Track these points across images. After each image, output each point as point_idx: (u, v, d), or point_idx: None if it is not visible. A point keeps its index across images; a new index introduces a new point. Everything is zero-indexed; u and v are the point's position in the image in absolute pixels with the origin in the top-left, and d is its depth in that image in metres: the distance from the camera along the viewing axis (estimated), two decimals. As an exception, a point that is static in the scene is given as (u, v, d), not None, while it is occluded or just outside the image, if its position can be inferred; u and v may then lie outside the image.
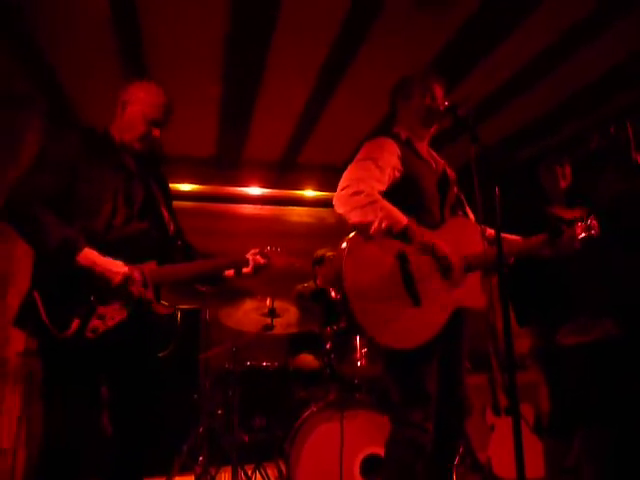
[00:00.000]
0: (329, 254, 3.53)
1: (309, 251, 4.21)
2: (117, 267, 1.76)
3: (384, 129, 2.33)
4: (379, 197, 1.91)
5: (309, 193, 5.15)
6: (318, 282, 3.67)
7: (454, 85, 3.47)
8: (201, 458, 3.09)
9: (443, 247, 1.92)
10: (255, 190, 5.09)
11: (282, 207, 5.34)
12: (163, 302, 1.92)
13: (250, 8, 2.84)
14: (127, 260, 1.80)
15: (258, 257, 2.11)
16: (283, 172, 4.96)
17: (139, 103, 1.98)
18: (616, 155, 2.31)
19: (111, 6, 2.80)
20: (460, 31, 2.97)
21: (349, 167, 2.02)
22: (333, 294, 2.96)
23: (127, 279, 1.76)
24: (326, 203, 4.80)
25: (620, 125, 2.27)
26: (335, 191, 2.02)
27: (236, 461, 2.98)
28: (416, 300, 1.88)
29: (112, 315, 1.74)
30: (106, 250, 1.76)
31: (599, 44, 3.10)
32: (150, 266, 1.85)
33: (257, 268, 2.11)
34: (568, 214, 2.75)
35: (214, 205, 5.13)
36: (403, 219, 1.88)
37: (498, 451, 3.48)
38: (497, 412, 3.62)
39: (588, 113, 3.91)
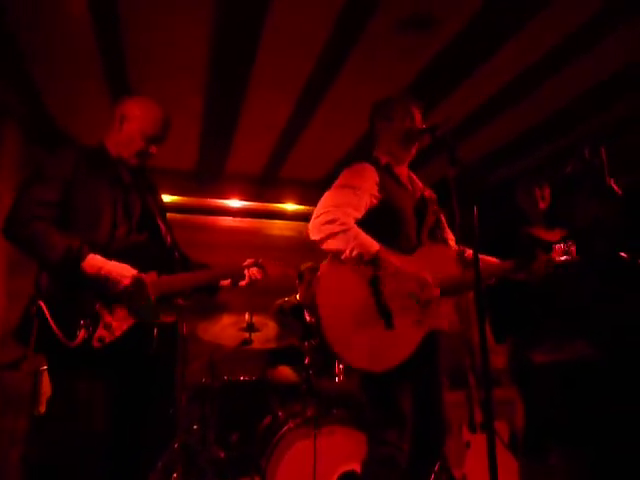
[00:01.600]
0: (306, 266, 3.54)
1: (289, 265, 4.22)
2: (125, 270, 1.80)
3: (364, 146, 2.38)
4: (352, 225, 1.96)
5: (290, 207, 5.17)
6: (299, 297, 3.68)
7: (434, 105, 3.53)
8: (175, 475, 3.04)
9: (412, 274, 1.94)
10: (235, 203, 5.08)
11: (262, 220, 5.33)
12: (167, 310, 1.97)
13: (234, 23, 2.85)
14: None
15: (254, 270, 2.15)
16: (264, 185, 4.97)
17: (137, 119, 2.01)
18: (591, 179, 2.38)
19: (93, 17, 2.79)
20: (441, 52, 3.03)
21: (326, 193, 2.07)
22: (307, 317, 2.98)
23: (138, 281, 1.80)
24: (306, 217, 4.78)
25: (595, 150, 2.34)
26: (316, 205, 2.07)
27: (211, 477, 2.94)
28: (389, 324, 1.92)
29: (119, 324, 1.76)
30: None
31: (578, 65, 3.18)
32: (151, 277, 1.88)
33: (253, 282, 2.15)
34: (548, 235, 2.82)
35: (194, 217, 5.10)
36: (373, 248, 1.92)
37: (474, 468, 3.49)
38: (473, 429, 3.64)
39: (565, 134, 4.00)
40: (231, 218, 5.21)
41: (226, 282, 2.19)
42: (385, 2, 2.63)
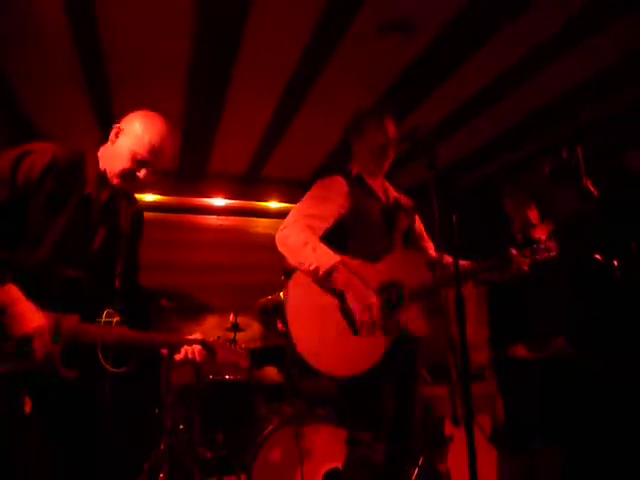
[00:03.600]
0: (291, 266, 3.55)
1: (273, 263, 4.22)
2: (36, 316, 1.54)
3: (345, 147, 2.41)
4: (313, 239, 2.02)
5: (274, 205, 5.17)
6: (283, 295, 3.69)
7: (416, 105, 3.56)
8: (161, 475, 3.05)
9: (358, 290, 1.97)
10: (219, 201, 5.08)
11: (247, 218, 5.33)
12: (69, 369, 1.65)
13: (216, 22, 2.84)
14: (48, 305, 1.59)
15: (196, 348, 1.81)
16: (247, 184, 4.96)
17: (132, 136, 1.78)
18: (568, 179, 2.42)
19: (69, 17, 2.74)
20: (424, 52, 3.05)
21: (297, 204, 2.16)
22: (280, 326, 3.02)
23: (36, 333, 1.54)
24: (291, 215, 4.81)
25: (571, 150, 2.38)
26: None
27: (198, 477, 2.96)
28: (355, 330, 1.97)
29: None
30: (29, 288, 1.55)
31: (557, 66, 3.22)
32: (71, 320, 1.63)
33: (189, 361, 1.82)
34: (537, 233, 2.86)
35: (178, 216, 5.09)
36: (330, 261, 1.96)
37: (457, 461, 3.55)
38: (456, 423, 3.69)
39: (546, 133, 4.05)
40: (215, 217, 5.20)
41: (164, 351, 1.87)
42: (368, 3, 2.63)
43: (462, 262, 2.34)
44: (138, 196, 4.89)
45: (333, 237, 2.08)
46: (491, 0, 2.60)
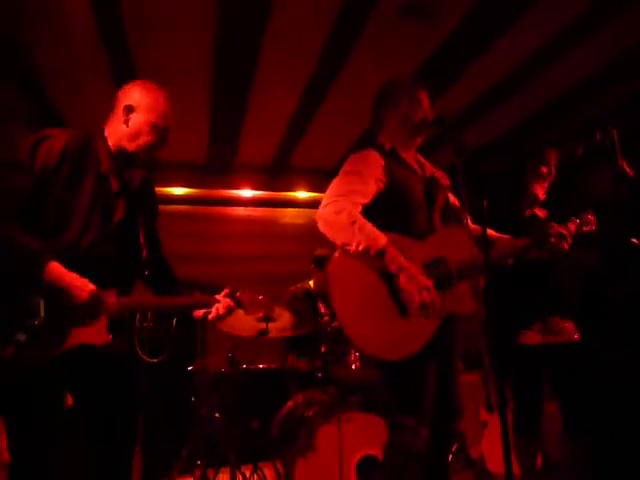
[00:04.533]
0: (321, 252, 3.57)
1: (302, 252, 4.25)
2: (85, 284, 1.62)
3: (370, 131, 2.35)
4: (359, 217, 1.92)
5: (301, 194, 5.19)
6: (313, 284, 3.72)
7: (440, 92, 3.52)
8: (199, 462, 3.13)
9: (413, 272, 1.91)
10: (247, 192, 5.12)
11: (275, 209, 5.37)
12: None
13: (239, 15, 2.85)
14: None
15: (224, 305, 1.90)
16: (275, 174, 4.99)
17: (146, 110, 1.83)
18: (602, 161, 2.36)
19: (96, 15, 2.80)
20: (445, 41, 3.01)
21: (333, 181, 2.04)
22: (322, 309, 3.00)
23: (96, 298, 1.64)
24: (319, 204, 4.83)
25: (606, 132, 2.32)
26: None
27: (234, 463, 3.02)
28: (403, 311, 1.91)
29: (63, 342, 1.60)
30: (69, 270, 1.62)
31: (584, 48, 3.14)
32: (109, 296, 1.70)
33: (221, 317, 1.91)
34: (539, 212, 2.80)
35: (207, 208, 5.15)
36: (380, 241, 1.88)
37: (491, 447, 3.54)
38: (490, 409, 3.67)
39: (574, 115, 3.96)
40: (243, 208, 5.25)
41: (198, 314, 1.95)
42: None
43: (501, 236, 2.31)
44: (167, 190, 5.01)
45: (372, 213, 1.97)
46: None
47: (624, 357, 2.66)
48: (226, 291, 1.95)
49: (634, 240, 2.24)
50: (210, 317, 1.91)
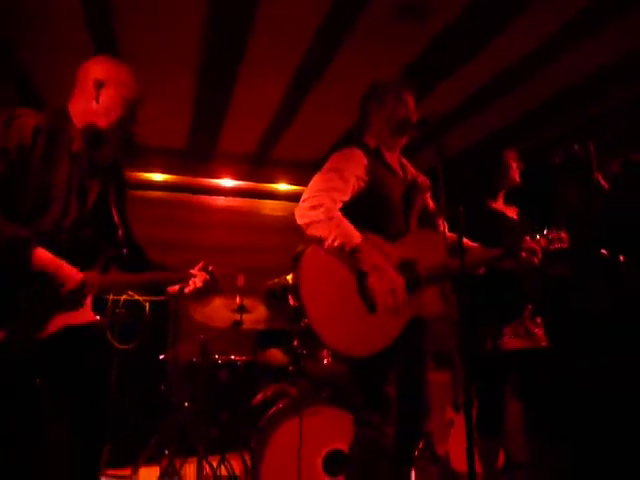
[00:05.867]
0: (301, 249, 3.57)
1: (281, 245, 4.25)
2: (73, 271, 1.63)
3: (356, 130, 2.37)
4: (337, 213, 1.95)
5: (282, 187, 5.17)
6: (291, 280, 3.71)
7: (429, 91, 3.54)
8: (167, 451, 3.13)
9: (386, 271, 1.95)
10: (228, 182, 5.08)
11: (255, 200, 5.35)
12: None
13: (229, 2, 2.82)
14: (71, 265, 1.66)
15: (200, 278, 1.93)
16: (257, 165, 4.96)
17: (119, 84, 1.80)
18: (578, 172, 2.41)
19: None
20: (436, 40, 3.02)
21: (314, 177, 2.06)
22: (291, 302, 3.01)
23: (84, 285, 1.64)
24: (299, 198, 4.82)
25: (583, 144, 2.37)
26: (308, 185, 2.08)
27: (202, 454, 3.02)
28: (371, 308, 1.94)
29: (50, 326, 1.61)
30: (52, 252, 1.62)
31: (577, 52, 3.19)
32: (92, 275, 1.71)
33: (198, 291, 1.93)
34: (508, 210, 2.85)
35: (186, 196, 5.11)
36: (355, 239, 1.92)
37: (456, 446, 3.61)
38: (456, 408, 3.76)
39: (561, 120, 4.02)
40: (223, 197, 5.22)
41: (174, 289, 1.97)
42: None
43: (473, 245, 2.35)
44: (146, 175, 4.95)
45: (350, 211, 2.00)
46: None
47: (590, 364, 2.74)
48: (200, 265, 1.96)
49: (604, 252, 2.29)
50: (187, 290, 1.92)
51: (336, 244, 1.90)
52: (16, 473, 1.62)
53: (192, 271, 1.95)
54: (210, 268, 1.97)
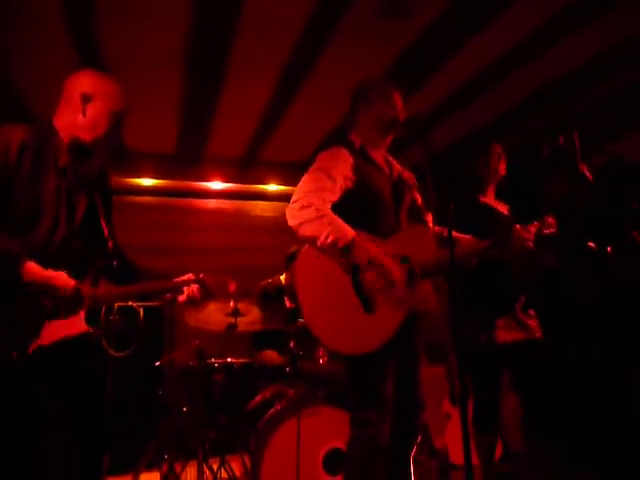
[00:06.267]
0: (293, 249, 3.58)
1: (272, 245, 4.27)
2: (65, 279, 1.65)
3: (345, 129, 2.37)
4: (328, 211, 1.96)
5: (272, 187, 5.17)
6: (284, 279, 3.73)
7: (416, 86, 3.56)
8: (166, 456, 3.14)
9: (384, 260, 1.95)
10: (217, 184, 5.08)
11: (245, 201, 5.36)
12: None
13: (213, 3, 2.81)
14: None
15: (194, 288, 1.95)
16: (245, 167, 4.95)
17: (105, 98, 1.81)
18: (564, 164, 2.44)
19: (64, 3, 2.73)
20: (421, 37, 3.04)
21: (303, 178, 2.07)
22: (287, 303, 3.02)
23: (77, 292, 1.66)
24: (289, 198, 4.81)
25: (569, 136, 2.39)
26: (297, 185, 2.09)
27: (201, 458, 3.03)
28: (368, 308, 1.95)
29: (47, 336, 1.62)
30: (41, 265, 1.62)
31: (560, 47, 3.22)
32: (85, 287, 1.72)
33: (191, 299, 1.96)
34: (498, 206, 2.89)
35: (176, 200, 5.11)
36: (348, 234, 1.92)
37: (454, 439, 3.64)
38: (453, 402, 3.79)
39: (542, 115, 4.05)
40: (213, 200, 5.22)
41: (168, 296, 2.01)
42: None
43: (464, 237, 2.37)
44: (136, 180, 4.94)
45: (340, 211, 2.00)
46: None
47: (583, 355, 2.77)
48: (190, 276, 1.97)
49: (591, 244, 2.32)
50: (180, 299, 1.94)
51: (329, 241, 1.90)
52: (16, 473, 1.63)
53: (183, 279, 1.96)
54: (201, 276, 1.98)
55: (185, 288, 1.94)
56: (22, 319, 1.59)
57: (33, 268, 1.60)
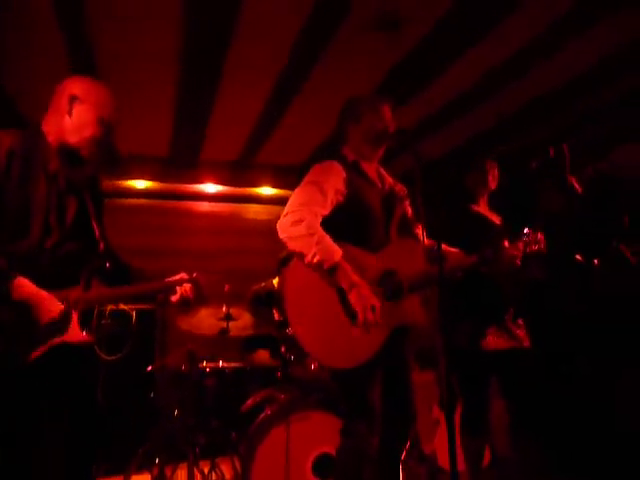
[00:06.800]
0: (286, 254, 3.60)
1: (266, 248, 4.26)
2: (52, 304, 1.64)
3: (334, 143, 2.39)
4: (318, 229, 1.98)
5: (266, 191, 5.18)
6: (277, 284, 3.74)
7: (409, 98, 3.59)
8: (157, 459, 3.15)
9: (362, 292, 1.96)
10: (211, 187, 5.08)
11: (238, 204, 5.37)
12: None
13: (209, 8, 2.81)
14: (55, 285, 1.67)
15: (187, 287, 1.98)
16: (239, 170, 4.95)
17: (93, 103, 1.80)
18: (554, 176, 2.47)
19: (56, 9, 2.73)
20: (415, 48, 3.07)
21: (295, 191, 2.10)
22: (276, 315, 3.04)
23: (64, 315, 1.66)
24: (282, 201, 4.79)
25: (559, 148, 2.43)
26: (291, 189, 2.11)
27: (192, 462, 3.04)
28: (355, 322, 1.96)
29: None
30: (35, 275, 1.62)
31: (547, 64, 3.26)
32: (77, 292, 1.73)
33: (185, 299, 1.98)
34: (491, 216, 2.93)
35: (170, 202, 5.11)
36: (335, 256, 1.94)
37: (443, 444, 3.68)
38: (443, 407, 3.82)
39: (534, 129, 4.10)
40: (207, 203, 5.23)
41: (159, 297, 2.05)
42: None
43: (452, 250, 2.40)
44: (129, 183, 4.94)
45: (330, 224, 2.04)
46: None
47: (570, 363, 2.82)
48: (183, 276, 2.00)
49: (578, 257, 2.36)
50: (174, 299, 1.96)
51: (315, 260, 1.93)
52: (16, 473, 1.64)
53: (175, 278, 1.98)
54: (194, 275, 2.00)
55: (178, 288, 1.96)
56: (18, 329, 1.58)
57: (23, 285, 1.59)
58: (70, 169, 1.82)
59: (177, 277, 1.99)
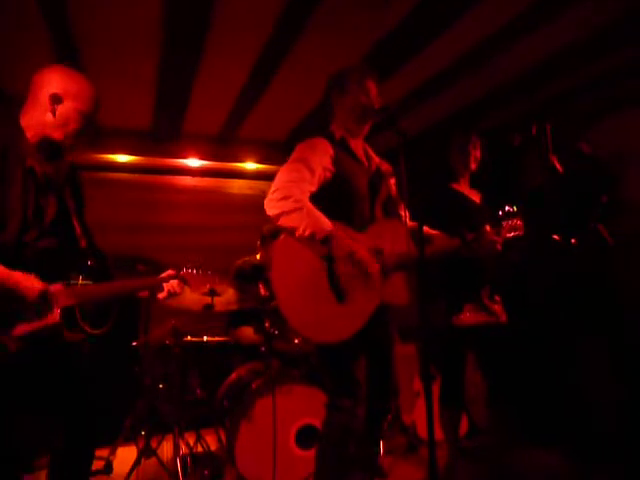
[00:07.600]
0: (268, 228, 3.61)
1: (249, 223, 4.27)
2: (33, 282, 1.65)
3: (323, 108, 2.37)
4: (306, 203, 2.00)
5: (250, 165, 5.14)
6: (260, 259, 3.76)
7: (392, 73, 3.57)
8: (143, 432, 3.20)
9: (362, 254, 2.02)
10: (194, 162, 5.02)
11: (222, 179, 5.32)
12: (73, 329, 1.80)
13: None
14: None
15: (174, 283, 2.02)
16: (223, 145, 4.89)
17: (75, 98, 1.83)
18: (535, 154, 2.51)
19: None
20: (400, 22, 3.03)
21: (283, 167, 2.09)
22: (262, 291, 3.07)
23: (45, 295, 1.66)
24: (267, 176, 4.77)
25: (541, 127, 2.45)
26: (275, 164, 2.12)
27: (177, 433, 3.10)
28: (340, 297, 2.01)
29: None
30: (9, 266, 1.62)
31: (532, 37, 3.26)
32: (58, 287, 1.72)
33: (172, 295, 2.03)
34: (471, 194, 2.97)
35: (153, 177, 5.05)
36: (326, 227, 1.97)
37: (422, 415, 3.79)
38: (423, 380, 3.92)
39: (516, 104, 4.11)
40: (190, 177, 5.18)
41: (145, 294, 2.05)
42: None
43: (435, 233, 2.44)
44: (110, 157, 4.86)
45: (317, 201, 2.05)
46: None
47: (545, 337, 2.90)
48: (171, 272, 2.01)
49: (555, 237, 2.41)
50: (161, 297, 2.00)
51: (307, 233, 1.95)
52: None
53: (163, 276, 2.00)
54: (182, 272, 2.02)
55: (165, 285, 1.99)
56: None
57: (1, 271, 1.59)
58: (49, 164, 1.83)
59: (165, 274, 2.01)
